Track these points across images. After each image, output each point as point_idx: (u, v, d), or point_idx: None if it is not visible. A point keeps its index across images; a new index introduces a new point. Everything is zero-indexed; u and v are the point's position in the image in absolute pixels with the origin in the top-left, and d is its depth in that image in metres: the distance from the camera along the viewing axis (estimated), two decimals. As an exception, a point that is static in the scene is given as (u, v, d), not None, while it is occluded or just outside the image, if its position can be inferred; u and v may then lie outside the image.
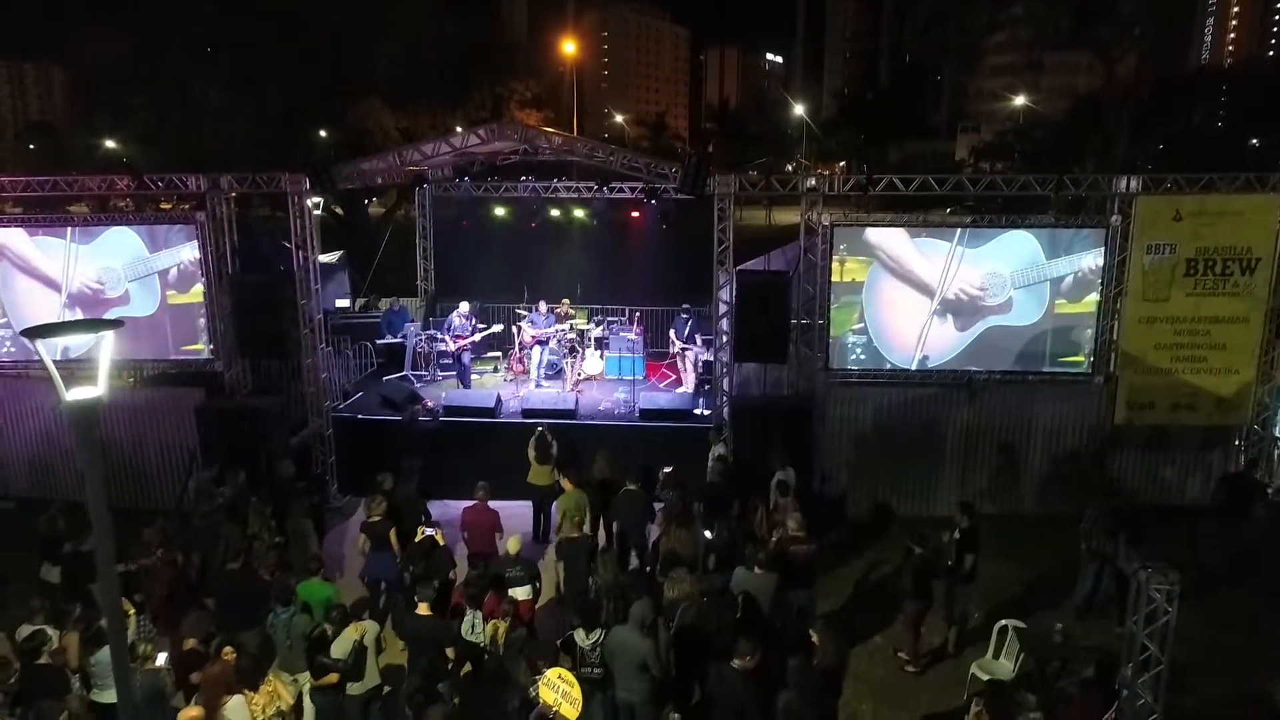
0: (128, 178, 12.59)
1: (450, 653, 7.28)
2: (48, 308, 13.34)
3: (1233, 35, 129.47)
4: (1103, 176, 11.70)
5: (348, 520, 12.55)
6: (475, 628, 7.39)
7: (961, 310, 12.31)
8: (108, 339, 4.20)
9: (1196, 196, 11.46)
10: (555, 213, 17.31)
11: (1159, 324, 11.90)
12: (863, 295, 12.29)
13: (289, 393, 13.48)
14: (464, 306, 14.94)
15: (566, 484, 10.02)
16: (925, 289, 12.26)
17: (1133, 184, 11.56)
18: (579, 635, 7.34)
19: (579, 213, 17.28)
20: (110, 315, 13.31)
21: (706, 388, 15.07)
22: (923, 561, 8.77)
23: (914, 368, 12.46)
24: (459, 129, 13.37)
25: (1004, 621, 8.56)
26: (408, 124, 28.05)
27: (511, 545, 8.74)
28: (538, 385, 14.96)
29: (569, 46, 30.84)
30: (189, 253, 12.88)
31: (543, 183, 15.73)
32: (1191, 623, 7.96)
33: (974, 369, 12.33)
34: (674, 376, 15.59)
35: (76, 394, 4.08)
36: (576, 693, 6.04)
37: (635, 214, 17.03)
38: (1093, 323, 12.12)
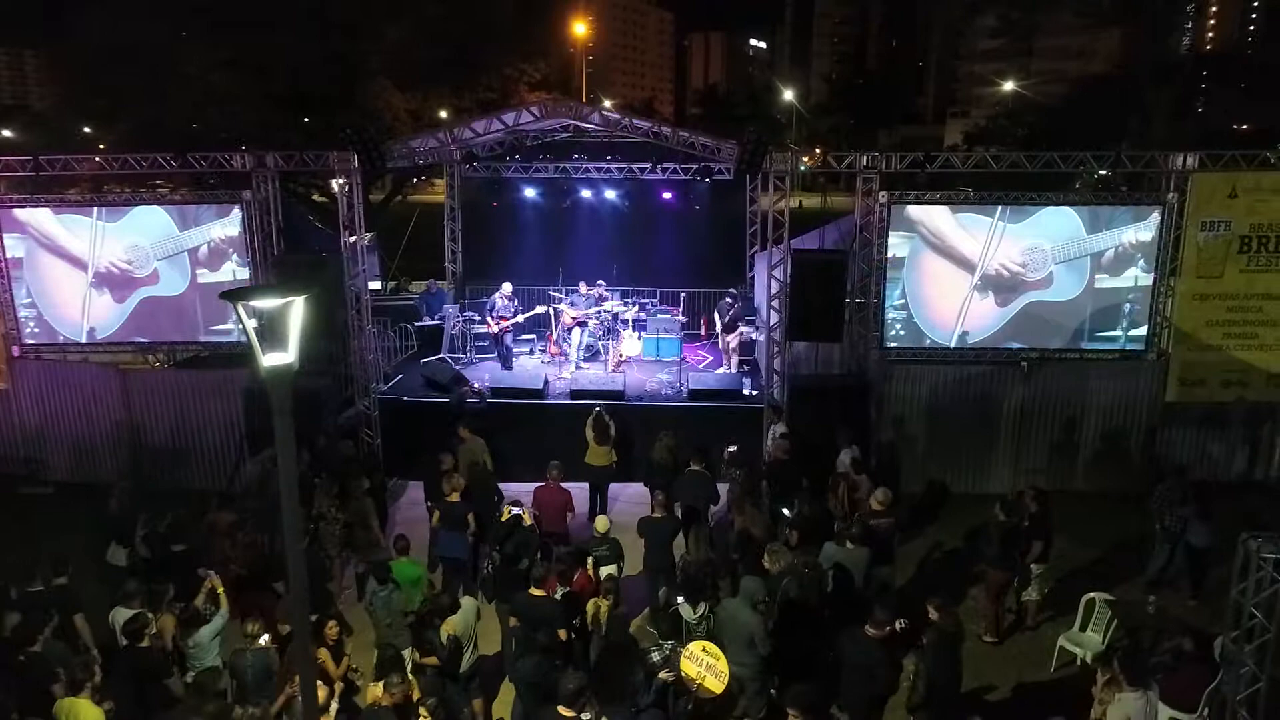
0: (171, 154, 12.31)
1: (561, 634, 7.20)
2: (73, 288, 13.13)
3: (1212, 23, 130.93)
4: (1159, 153, 11.72)
5: (397, 501, 12.44)
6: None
7: (1002, 286, 12.33)
8: (298, 304, 4.09)
9: (1253, 173, 11.53)
10: (586, 194, 17.14)
11: (1212, 301, 11.99)
12: (903, 271, 12.27)
13: (332, 374, 13.34)
14: (506, 288, 14.79)
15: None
16: (966, 264, 12.26)
17: (1189, 160, 11.60)
18: (684, 610, 7.32)
19: (610, 194, 17.12)
20: (139, 295, 13.14)
21: (746, 368, 15.06)
22: (1009, 530, 8.79)
23: (953, 344, 12.47)
24: (515, 107, 12.99)
25: (1091, 594, 8.61)
26: (416, 106, 27.67)
27: (600, 524, 8.70)
28: (577, 367, 14.86)
29: (580, 28, 30.57)
30: (219, 230, 12.72)
31: (595, 163, 15.61)
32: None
33: (1015, 345, 12.37)
34: (711, 358, 15.53)
35: (272, 359, 3.98)
36: (723, 665, 6.00)
37: (667, 195, 16.90)
38: (1131, 298, 12.18)
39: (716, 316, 15.18)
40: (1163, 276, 12.03)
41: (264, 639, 7.10)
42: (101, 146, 26.78)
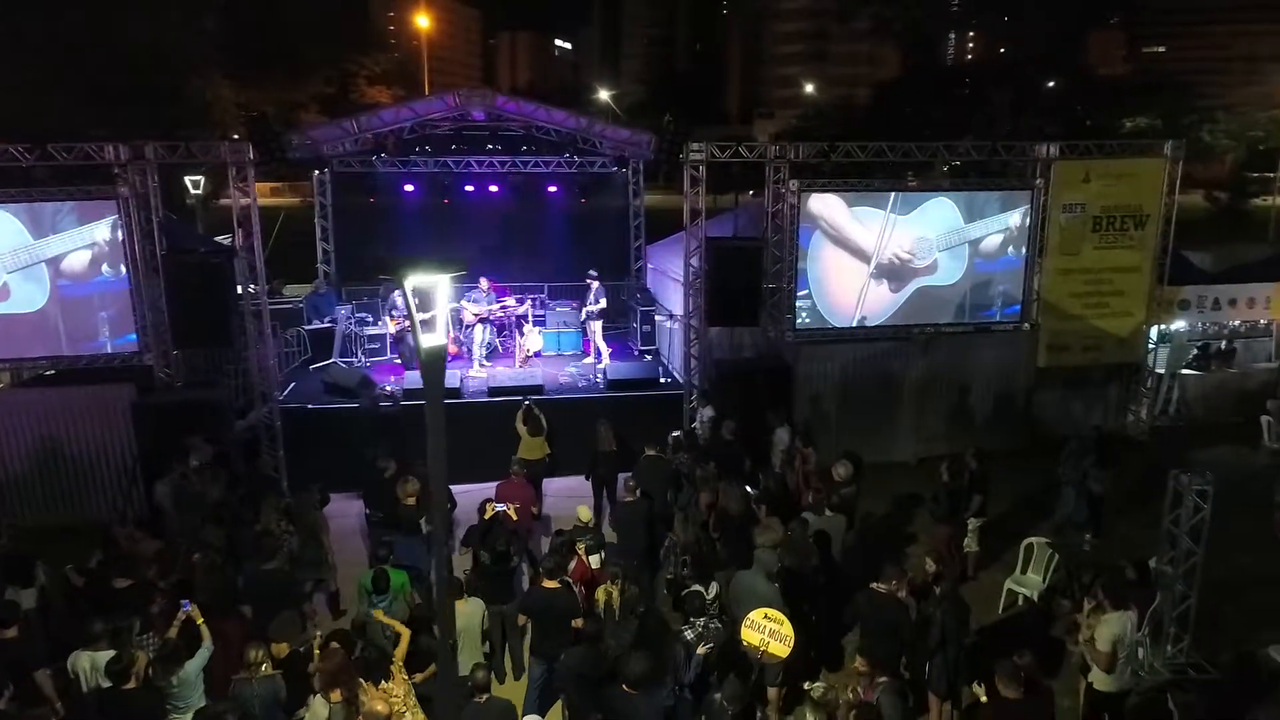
0: (25, 146, 10.86)
1: (578, 623, 7.08)
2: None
3: (972, 34, 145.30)
4: (1029, 144, 13.02)
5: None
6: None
7: (895, 273, 13.25)
8: (444, 281, 3.86)
9: (1102, 160, 13.05)
10: (469, 188, 16.71)
11: (1073, 275, 13.46)
12: (806, 262, 12.90)
13: (223, 385, 12.31)
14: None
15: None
16: (862, 255, 13.07)
17: (1051, 150, 12.96)
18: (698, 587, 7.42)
19: (493, 188, 16.78)
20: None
21: (648, 357, 15.29)
22: (953, 489, 9.52)
23: (854, 326, 13.26)
24: (431, 96, 12.43)
25: (1030, 539, 9.48)
26: (247, 99, 25.90)
27: (583, 514, 8.61)
28: (480, 365, 14.50)
29: (423, 20, 29.38)
30: (85, 235, 11.33)
31: (478, 156, 15.19)
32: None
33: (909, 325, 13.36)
34: (611, 349, 15.58)
35: (428, 340, 3.74)
36: (787, 629, 6.13)
37: (552, 189, 16.79)
38: (1003, 278, 13.44)
39: (584, 309, 15.10)
40: (1035, 254, 13.34)
41: (265, 666, 6.53)
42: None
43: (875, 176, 13.67)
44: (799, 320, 12.97)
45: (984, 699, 6.03)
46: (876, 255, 13.05)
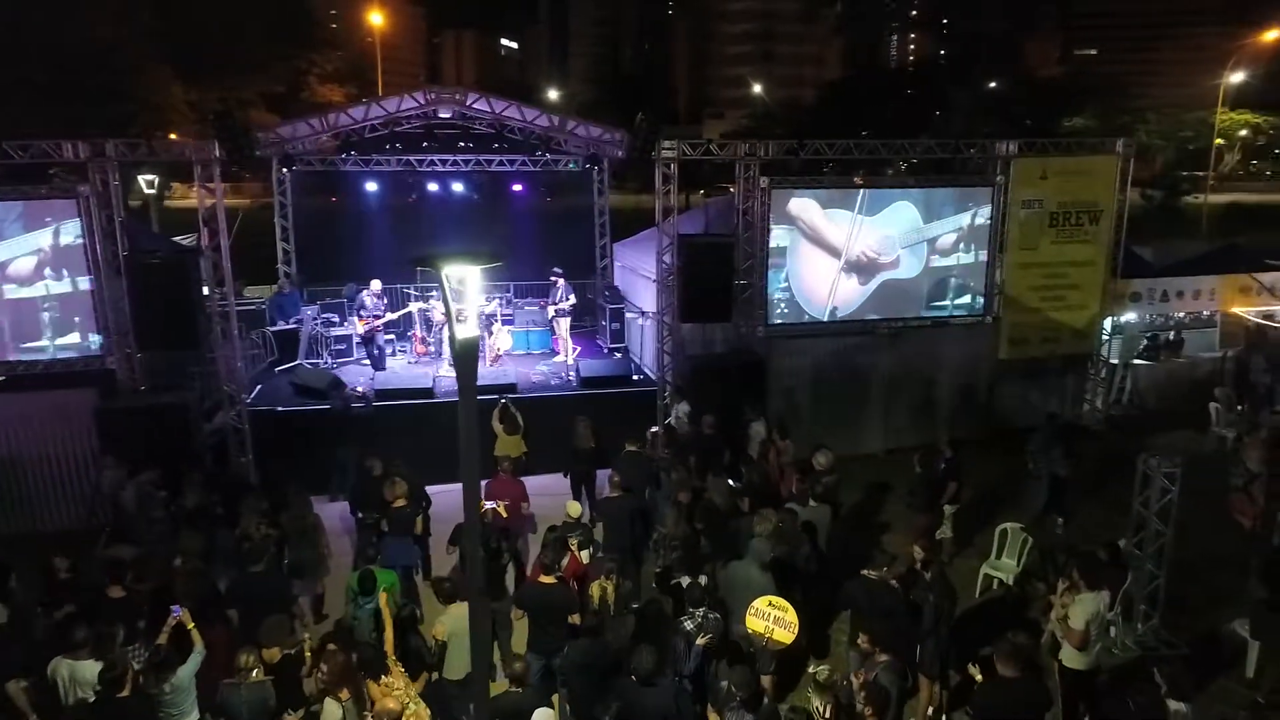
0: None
1: (575, 618, 7.10)
2: None
3: (913, 37, 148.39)
4: (990, 142, 13.39)
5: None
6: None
7: (862, 268, 13.58)
8: (475, 273, 3.87)
9: (1059, 158, 13.47)
10: (433, 187, 16.58)
11: (1031, 269, 13.87)
12: (786, 258, 13.15)
13: (188, 388, 12.03)
14: (375, 285, 14.01)
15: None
16: (834, 251, 13.40)
17: (1011, 147, 13.35)
18: (686, 581, 7.51)
19: (458, 187, 16.67)
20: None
21: (618, 355, 15.33)
22: (929, 478, 9.76)
23: (825, 318, 13.53)
24: (399, 94, 12.25)
25: (1004, 525, 9.75)
26: (198, 97, 25.31)
27: (572, 509, 8.62)
28: (450, 365, 14.38)
29: (376, 18, 28.84)
30: (31, 243, 10.96)
31: (444, 154, 15.05)
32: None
33: (873, 316, 13.67)
34: (579, 348, 15.58)
35: (462, 331, 3.75)
36: (791, 616, 6.23)
37: (517, 187, 16.74)
38: (956, 274, 13.84)
39: (552, 307, 15.10)
40: (997, 249, 13.71)
41: (256, 672, 6.43)
42: None
43: (825, 174, 13.79)
44: (779, 311, 13.21)
45: (979, 678, 6.21)
46: (846, 252, 13.37)
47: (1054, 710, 6.59)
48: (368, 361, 14.22)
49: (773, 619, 6.24)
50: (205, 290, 11.44)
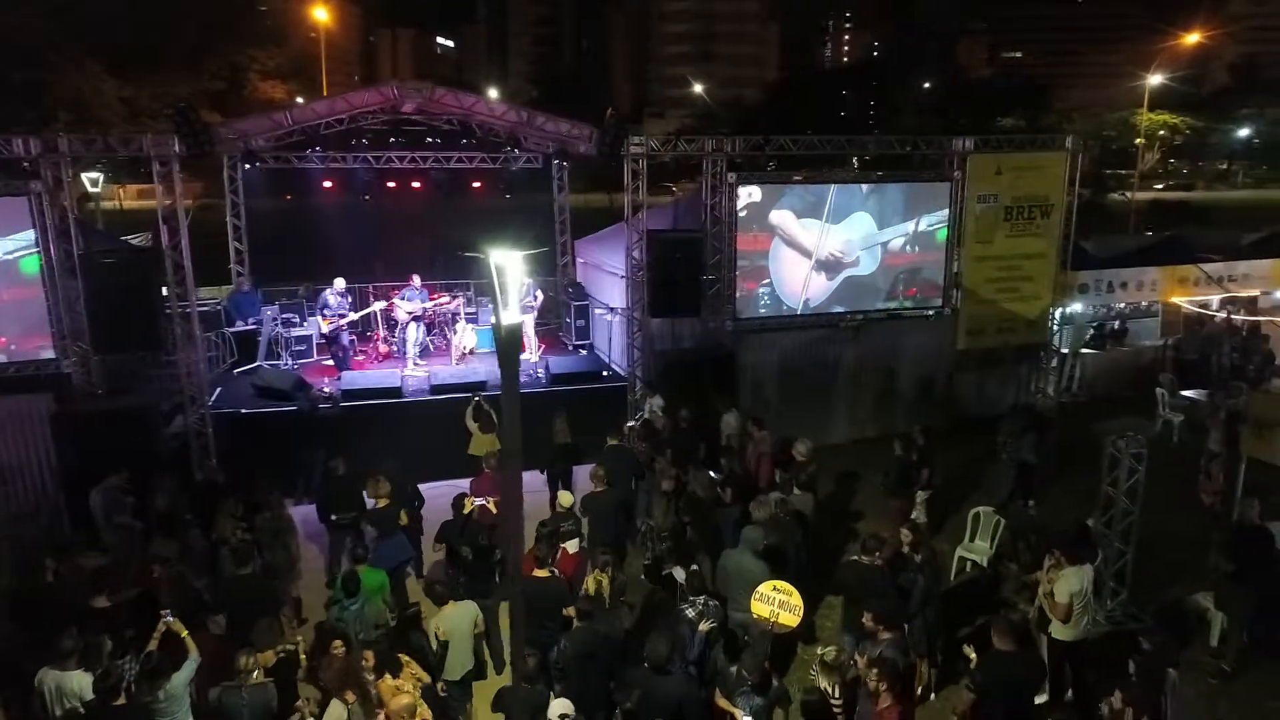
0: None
1: (570, 611, 7.10)
2: None
3: (847, 39, 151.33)
4: (947, 139, 13.76)
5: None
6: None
7: (829, 267, 13.99)
8: (516, 258, 3.87)
9: (1012, 154, 13.92)
10: (391, 185, 16.34)
11: (987, 262, 14.30)
12: (769, 260, 13.48)
13: (148, 391, 11.68)
14: (339, 283, 13.73)
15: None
16: (807, 253, 13.82)
17: (967, 144, 13.74)
18: (678, 573, 7.59)
19: (416, 184, 16.47)
20: None
21: (583, 352, 15.34)
22: (904, 464, 10.02)
23: (800, 310, 13.83)
24: (365, 88, 11.97)
25: (977, 509, 10.04)
26: (131, 94, 24.46)
27: (564, 500, 8.62)
28: (415, 364, 14.22)
29: (320, 13, 28.07)
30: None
31: (400, 152, 14.85)
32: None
33: (839, 308, 14.04)
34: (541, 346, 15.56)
35: (507, 317, 3.75)
36: (796, 600, 6.32)
37: (477, 184, 16.61)
38: (902, 272, 14.28)
39: (521, 305, 15.05)
40: (955, 243, 14.10)
41: (256, 674, 6.29)
42: None
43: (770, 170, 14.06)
44: (764, 304, 13.61)
45: (973, 656, 6.40)
46: (816, 253, 13.74)
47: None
48: (330, 361, 13.95)
49: (778, 603, 6.34)
50: (164, 290, 11.12)
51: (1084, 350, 16.09)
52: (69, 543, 8.56)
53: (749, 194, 13.00)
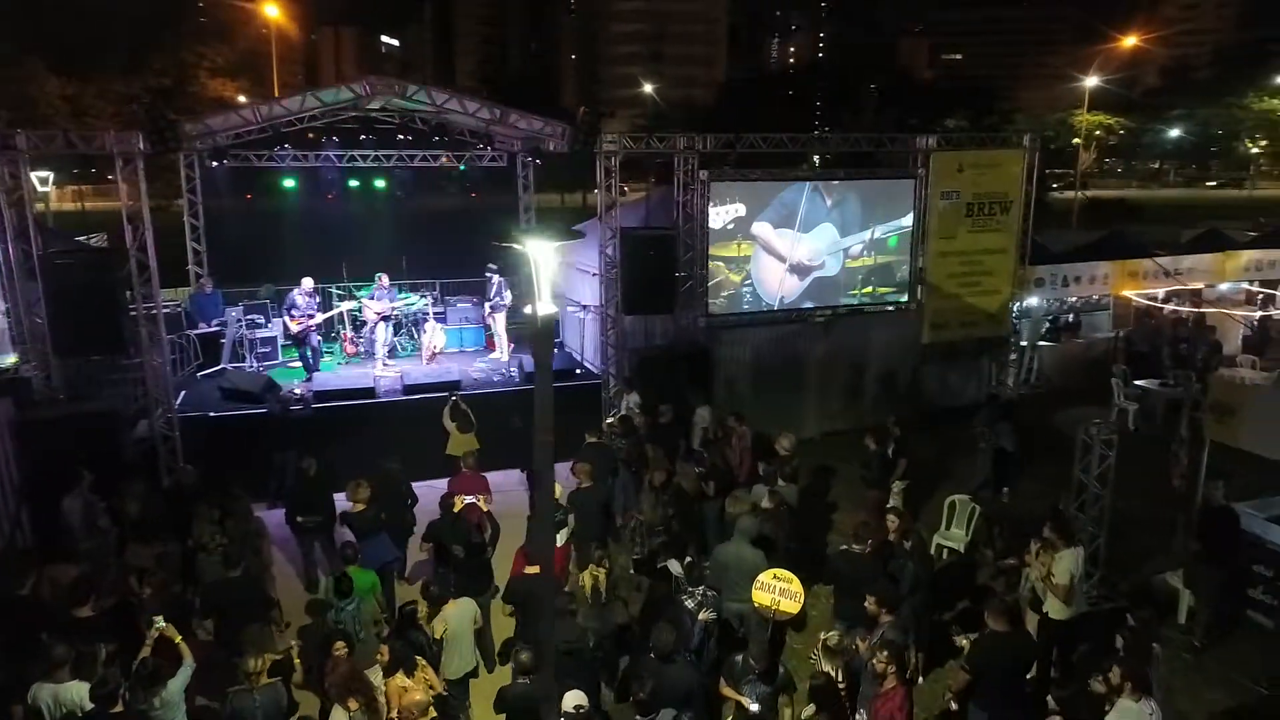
0: None
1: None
2: None
3: (793, 45, 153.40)
4: (911, 136, 14.05)
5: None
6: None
7: (800, 270, 14.28)
8: (549, 250, 3.88)
9: (974, 151, 14.27)
10: (354, 183, 16.11)
11: (950, 257, 14.63)
12: (750, 264, 13.70)
13: (111, 395, 11.36)
14: (307, 283, 13.49)
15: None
16: (781, 258, 14.03)
17: (931, 141, 14.05)
18: (673, 566, 7.64)
19: (380, 183, 16.26)
20: None
21: (555, 350, 15.27)
22: (881, 456, 10.21)
23: (777, 306, 14.06)
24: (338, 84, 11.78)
25: (952, 497, 10.28)
26: (74, 91, 23.74)
27: (554, 490, 8.59)
28: (385, 364, 14.05)
29: (271, 10, 27.38)
30: None
31: (362, 150, 14.65)
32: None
33: (809, 304, 14.30)
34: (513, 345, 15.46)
35: (542, 308, 3.76)
36: (796, 587, 6.40)
37: (442, 183, 16.46)
38: (860, 272, 14.61)
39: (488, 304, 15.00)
40: (919, 239, 14.40)
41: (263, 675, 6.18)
42: None
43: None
44: (746, 301, 13.83)
45: (965, 643, 6.56)
46: (790, 258, 13.97)
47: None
48: (298, 363, 13.70)
49: (779, 590, 6.43)
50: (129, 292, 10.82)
51: (1041, 342, 16.55)
52: (42, 552, 8.28)
53: (736, 210, 13.35)
